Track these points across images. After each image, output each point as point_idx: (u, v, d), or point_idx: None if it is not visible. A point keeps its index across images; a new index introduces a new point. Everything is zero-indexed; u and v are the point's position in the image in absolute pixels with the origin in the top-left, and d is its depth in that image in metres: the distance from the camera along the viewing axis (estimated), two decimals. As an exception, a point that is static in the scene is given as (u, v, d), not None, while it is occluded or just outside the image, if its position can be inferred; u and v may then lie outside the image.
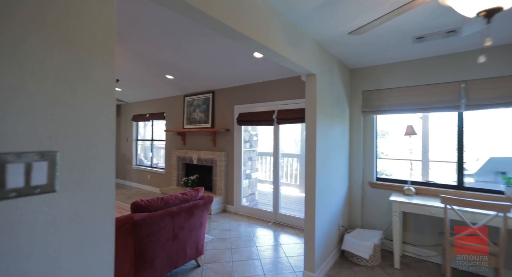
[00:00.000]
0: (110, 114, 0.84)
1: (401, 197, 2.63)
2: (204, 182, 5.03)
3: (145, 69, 4.27)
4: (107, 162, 0.83)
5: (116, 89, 5.62)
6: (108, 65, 0.81)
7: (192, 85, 4.80)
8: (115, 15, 0.84)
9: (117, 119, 7.46)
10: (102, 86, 0.80)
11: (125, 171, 7.13)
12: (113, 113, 0.85)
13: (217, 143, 4.76)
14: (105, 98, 0.81)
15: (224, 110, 4.65)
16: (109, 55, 0.82)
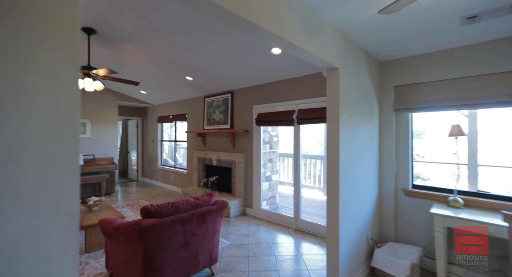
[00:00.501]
0: (72, 112, 0.66)
1: (445, 210, 2.24)
2: (223, 184, 4.93)
3: (165, 71, 4.28)
4: (66, 175, 0.66)
5: (141, 91, 5.77)
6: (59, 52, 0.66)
7: (212, 86, 4.73)
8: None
9: (143, 120, 7.72)
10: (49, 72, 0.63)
11: (151, 170, 7.33)
12: (76, 110, 0.67)
13: (236, 144, 4.64)
14: (57, 90, 0.64)
15: (243, 111, 4.50)
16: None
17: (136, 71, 4.48)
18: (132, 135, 8.06)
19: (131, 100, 6.57)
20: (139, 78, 4.80)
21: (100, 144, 5.97)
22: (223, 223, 3.91)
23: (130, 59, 3.95)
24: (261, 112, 4.16)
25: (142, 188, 6.59)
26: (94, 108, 5.90)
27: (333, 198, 2.07)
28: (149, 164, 7.41)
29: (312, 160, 5.92)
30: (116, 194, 5.93)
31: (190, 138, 5.84)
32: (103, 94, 6.02)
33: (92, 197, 3.41)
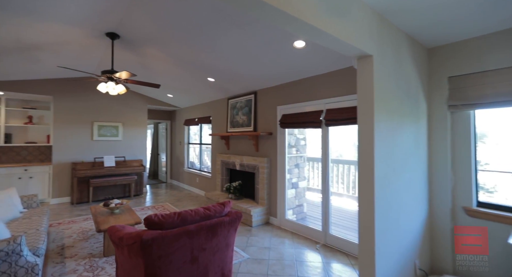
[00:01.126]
0: None
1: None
2: (247, 190, 4.69)
3: (187, 73, 4.20)
4: None
5: (168, 95, 5.83)
6: None
7: (234, 87, 4.54)
8: None
9: (172, 123, 7.87)
10: None
11: (178, 173, 7.41)
12: None
13: (259, 148, 4.37)
14: None
15: (267, 112, 4.22)
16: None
17: (160, 74, 4.48)
18: (162, 137, 8.27)
19: (160, 104, 6.71)
20: (163, 81, 4.82)
21: (130, 146, 6.16)
22: (243, 233, 3.65)
23: (153, 62, 3.93)
24: (286, 113, 3.84)
25: (169, 191, 6.66)
26: (125, 112, 6.12)
27: (366, 216, 1.68)
28: (176, 167, 7.51)
29: (345, 166, 5.39)
30: (144, 195, 6.05)
31: (214, 141, 5.72)
32: (133, 98, 6.22)
33: (114, 200, 3.40)
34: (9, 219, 2.92)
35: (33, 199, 3.47)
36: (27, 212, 3.21)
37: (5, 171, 4.98)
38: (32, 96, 5.28)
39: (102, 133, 5.78)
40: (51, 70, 4.39)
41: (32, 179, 5.22)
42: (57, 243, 3.24)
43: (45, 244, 2.33)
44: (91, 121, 5.66)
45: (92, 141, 5.66)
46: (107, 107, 5.86)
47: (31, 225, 2.73)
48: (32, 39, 2.97)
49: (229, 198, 4.58)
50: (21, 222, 2.87)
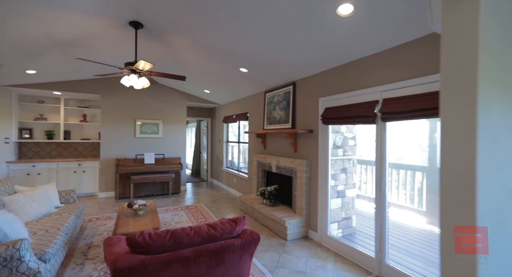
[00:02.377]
0: None
1: None
2: (283, 196, 4.11)
3: (217, 64, 3.83)
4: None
5: (205, 91, 5.62)
6: None
7: (270, 78, 4.00)
8: None
9: (212, 121, 7.74)
10: None
11: (218, 172, 7.24)
12: None
13: (298, 148, 3.73)
14: None
15: (307, 106, 3.56)
16: None
17: (189, 66, 4.22)
18: (204, 135, 8.24)
19: (199, 101, 6.60)
20: (193, 74, 4.58)
21: (170, 144, 6.18)
22: (275, 247, 3.10)
23: (181, 52, 3.67)
24: (329, 107, 3.13)
25: (207, 190, 6.50)
26: (165, 109, 6.15)
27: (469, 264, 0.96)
28: (216, 165, 7.35)
29: (408, 171, 4.34)
30: (182, 194, 5.99)
31: (251, 139, 5.28)
32: (173, 95, 6.22)
33: (139, 200, 3.24)
34: (42, 214, 2.97)
35: (70, 194, 3.55)
36: (62, 208, 3.26)
37: (64, 165, 5.44)
38: (85, 96, 5.66)
39: (144, 130, 5.90)
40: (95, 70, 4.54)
41: (85, 173, 5.61)
42: (87, 240, 3.22)
43: (55, 248, 2.19)
44: (134, 119, 5.83)
45: (135, 138, 5.82)
46: (148, 105, 5.97)
47: (55, 223, 2.69)
48: (61, 33, 2.95)
49: (263, 204, 4.07)
50: (51, 218, 2.87)
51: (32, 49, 3.29)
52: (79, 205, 3.42)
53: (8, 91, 5.13)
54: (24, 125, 5.54)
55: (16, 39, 2.94)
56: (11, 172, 5.05)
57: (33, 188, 3.18)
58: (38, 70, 4.20)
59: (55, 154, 5.83)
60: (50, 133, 5.67)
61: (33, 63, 3.83)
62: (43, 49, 3.34)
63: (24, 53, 3.37)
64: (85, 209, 4.57)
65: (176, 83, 5.76)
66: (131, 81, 3.01)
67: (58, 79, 5.04)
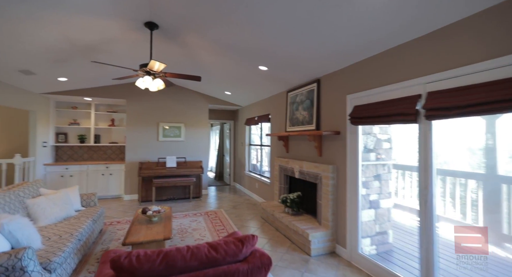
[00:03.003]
0: None
1: None
2: (307, 204, 3.75)
3: (235, 63, 3.63)
4: None
5: (226, 92, 5.47)
6: None
7: (292, 75, 3.69)
8: None
9: (235, 123, 7.59)
10: None
11: (240, 176, 7.04)
12: None
13: (323, 152, 3.36)
14: None
15: (333, 105, 3.19)
16: None
17: (207, 67, 4.08)
18: (227, 138, 8.13)
19: (221, 103, 6.48)
20: (211, 75, 4.43)
21: (191, 147, 6.13)
22: (297, 264, 2.76)
23: (197, 53, 3.53)
24: (359, 105, 2.73)
25: (229, 195, 6.32)
26: (187, 112, 6.13)
27: None
28: (239, 169, 7.16)
29: (458, 180, 3.71)
30: (204, 198, 5.87)
31: (273, 142, 4.99)
32: (195, 98, 6.18)
33: (153, 207, 3.12)
34: (62, 217, 2.98)
35: (91, 198, 3.58)
36: (82, 211, 3.27)
37: (93, 168, 5.64)
38: (113, 101, 5.85)
39: (166, 133, 5.92)
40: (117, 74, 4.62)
41: (112, 175, 5.77)
42: (104, 245, 3.18)
43: (63, 257, 2.11)
44: (157, 122, 5.87)
45: (158, 141, 5.86)
46: (171, 108, 5.98)
47: (71, 228, 2.65)
48: (81, 39, 2.96)
49: (285, 213, 3.74)
50: (69, 222, 2.87)
51: (58, 56, 3.38)
52: (98, 209, 3.41)
53: (47, 99, 5.46)
54: (60, 130, 5.87)
55: (42, 47, 3.02)
56: (48, 174, 5.35)
57: (56, 191, 3.23)
58: (68, 77, 4.37)
59: (87, 157, 6.10)
60: (82, 137, 5.94)
61: (62, 70, 3.97)
62: (68, 56, 3.41)
63: (52, 60, 3.48)
64: (108, 212, 4.64)
65: (197, 86, 5.69)
66: (146, 82, 2.92)
67: (88, 86, 5.25)
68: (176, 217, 4.36)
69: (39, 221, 2.77)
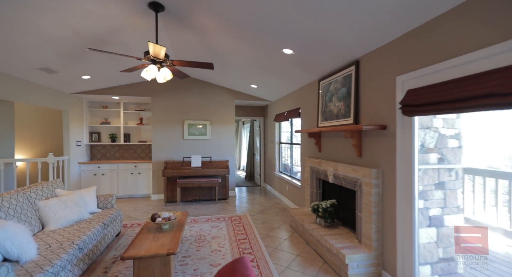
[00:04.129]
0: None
1: None
2: (344, 213, 3.09)
3: (253, 46, 3.13)
4: None
5: (252, 86, 5.02)
6: None
7: (324, 58, 3.05)
8: None
9: (263, 120, 7.11)
10: None
11: (270, 177, 6.55)
12: None
13: (363, 152, 2.68)
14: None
15: (377, 91, 2.48)
16: None
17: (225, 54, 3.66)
18: (257, 136, 7.68)
19: (248, 98, 6.03)
20: (228, 63, 4.00)
21: (217, 146, 5.82)
22: (330, 296, 2.16)
23: (211, 37, 3.11)
24: (415, 88, 2.01)
25: (258, 197, 5.86)
26: (212, 109, 5.82)
27: None
28: (269, 169, 6.67)
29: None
30: (231, 200, 5.52)
31: (304, 140, 4.38)
32: (220, 93, 5.84)
33: (163, 213, 2.81)
34: (74, 221, 2.83)
35: (108, 199, 3.43)
36: (97, 214, 3.12)
37: (123, 167, 5.69)
38: (141, 99, 5.82)
39: (192, 132, 5.70)
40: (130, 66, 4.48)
41: (140, 174, 5.75)
42: (117, 251, 2.98)
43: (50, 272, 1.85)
44: (182, 120, 5.68)
45: (183, 140, 5.67)
46: (196, 105, 5.73)
47: (75, 235, 2.45)
48: (85, 27, 2.76)
49: (317, 224, 3.15)
50: (79, 226, 2.70)
51: (70, 51, 3.26)
52: (113, 211, 3.23)
53: (80, 99, 5.64)
54: (93, 129, 6.06)
55: (49, 40, 2.90)
56: (82, 172, 5.52)
57: (71, 192, 3.12)
58: (91, 74, 4.35)
59: (118, 156, 6.21)
60: (113, 136, 6.05)
61: (82, 67, 3.92)
62: (79, 50, 3.28)
63: (66, 56, 3.40)
64: (133, 212, 4.55)
65: (222, 80, 5.33)
66: (150, 73, 2.59)
67: (114, 84, 5.25)
68: (197, 221, 4.05)
69: (49, 225, 2.64)
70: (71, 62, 3.64)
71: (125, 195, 5.70)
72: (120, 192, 5.65)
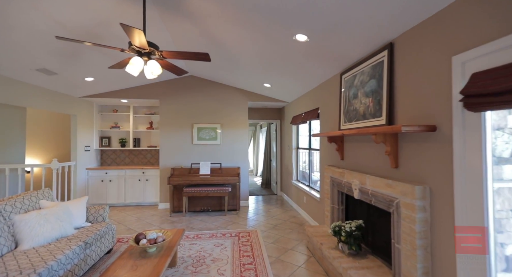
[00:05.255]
0: None
1: None
2: (374, 238, 2.43)
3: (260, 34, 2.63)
4: None
5: (265, 84, 4.52)
6: None
7: (346, 44, 2.46)
8: None
9: (280, 123, 6.55)
10: None
11: (287, 185, 5.94)
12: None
13: (401, 161, 2.02)
14: None
15: (420, 79, 1.84)
16: None
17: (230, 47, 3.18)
18: (274, 140, 7.12)
19: (263, 99, 5.53)
20: (236, 58, 3.52)
21: (228, 151, 5.36)
22: None
23: (210, 25, 2.66)
24: (484, 70, 1.36)
25: (273, 208, 5.28)
26: (224, 111, 5.39)
27: None
28: (286, 177, 6.06)
29: None
30: (242, 211, 5.00)
31: (323, 145, 3.76)
32: (232, 94, 5.40)
33: (151, 232, 2.36)
34: (55, 238, 2.48)
35: (99, 212, 3.07)
36: (83, 229, 2.76)
37: (130, 173, 5.43)
38: (150, 102, 5.56)
39: (201, 136, 5.29)
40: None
41: (148, 181, 5.45)
42: (102, 274, 2.57)
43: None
44: (191, 124, 5.30)
45: (192, 145, 5.28)
46: (205, 107, 5.34)
47: (42, 260, 2.07)
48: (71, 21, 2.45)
49: (339, 250, 2.51)
50: (56, 246, 2.33)
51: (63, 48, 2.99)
52: (102, 226, 2.86)
53: (90, 103, 5.51)
54: (104, 134, 5.90)
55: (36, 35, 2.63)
56: (90, 178, 5.34)
57: (57, 203, 2.80)
58: (93, 76, 4.12)
59: (128, 161, 5.99)
60: (123, 141, 5.84)
61: (80, 67, 3.67)
62: (72, 48, 3.00)
63: (60, 55, 3.14)
64: (134, 224, 4.19)
65: (232, 79, 4.89)
66: (135, 66, 2.18)
67: (121, 86, 5.03)
68: (200, 237, 3.57)
69: (23, 243, 2.30)
70: (68, 62, 3.39)
71: (132, 202, 5.42)
72: (127, 199, 5.38)
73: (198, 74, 5.08)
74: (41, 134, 5.84)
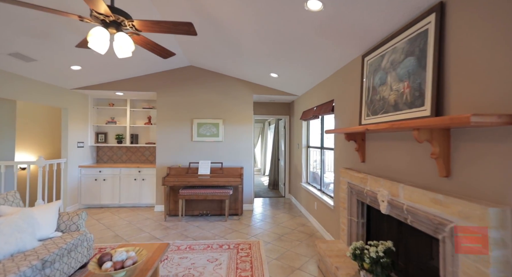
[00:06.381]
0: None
1: None
2: (409, 266, 1.85)
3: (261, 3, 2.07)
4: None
5: (271, 74, 3.97)
6: None
7: (373, 11, 1.86)
8: None
9: (289, 119, 5.98)
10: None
11: (296, 188, 5.38)
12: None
13: (455, 168, 1.42)
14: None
15: (493, 51, 1.23)
16: None
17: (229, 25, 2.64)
18: (282, 138, 6.55)
19: (269, 92, 4.96)
20: (234, 38, 2.98)
21: (231, 149, 4.85)
22: None
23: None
24: None
25: (280, 213, 4.73)
26: (226, 105, 4.88)
27: None
28: (295, 178, 5.50)
29: None
30: (245, 216, 4.48)
31: (338, 144, 3.17)
32: (236, 86, 4.87)
33: (118, 252, 1.87)
34: (9, 253, 2.04)
35: (73, 219, 2.62)
36: (50, 241, 2.32)
37: (126, 171, 5.03)
38: (149, 95, 5.13)
39: (202, 132, 4.80)
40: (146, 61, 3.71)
41: (145, 181, 5.04)
42: (68, 296, 2.12)
43: None
44: (191, 119, 4.82)
45: (192, 142, 4.80)
46: (206, 100, 4.84)
47: (-19, 283, 1.62)
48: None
49: (361, 281, 1.94)
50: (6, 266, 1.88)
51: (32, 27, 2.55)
52: (73, 237, 2.41)
53: (84, 96, 5.14)
54: (100, 129, 5.52)
55: None
56: (83, 177, 4.97)
57: (19, 209, 2.37)
58: (80, 64, 3.69)
59: (125, 159, 5.59)
60: (120, 137, 5.45)
61: (63, 54, 3.24)
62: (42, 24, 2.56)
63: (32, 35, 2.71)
64: (124, 229, 3.76)
65: (238, 71, 4.36)
66: (99, 39, 1.68)
67: (115, 78, 4.60)
68: (193, 249, 3.09)
69: (-33, 260, 1.87)
70: (44, 45, 2.96)
71: (127, 204, 5.02)
72: (122, 200, 4.99)
73: (199, 64, 4.58)
74: (35, 129, 5.52)
